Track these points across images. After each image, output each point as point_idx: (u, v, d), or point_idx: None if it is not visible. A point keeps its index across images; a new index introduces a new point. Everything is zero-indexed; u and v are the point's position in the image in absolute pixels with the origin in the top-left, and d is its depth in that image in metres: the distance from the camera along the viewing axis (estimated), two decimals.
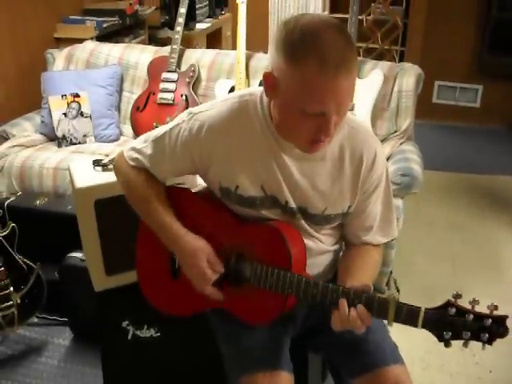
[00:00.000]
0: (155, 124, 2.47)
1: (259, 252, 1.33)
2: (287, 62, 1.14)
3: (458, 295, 1.17)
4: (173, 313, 1.51)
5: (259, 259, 1.32)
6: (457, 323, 1.15)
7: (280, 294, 1.30)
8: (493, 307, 1.15)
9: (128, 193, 1.45)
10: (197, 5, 4.89)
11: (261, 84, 1.27)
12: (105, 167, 1.70)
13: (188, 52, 3.15)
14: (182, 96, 2.99)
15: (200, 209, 1.43)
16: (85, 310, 2.19)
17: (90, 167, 1.73)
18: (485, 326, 1.14)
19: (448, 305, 1.16)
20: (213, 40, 5.02)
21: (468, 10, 4.53)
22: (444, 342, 1.17)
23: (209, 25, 4.92)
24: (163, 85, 3.03)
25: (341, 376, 1.52)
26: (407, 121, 2.79)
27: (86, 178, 1.68)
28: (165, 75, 3.04)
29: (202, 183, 1.50)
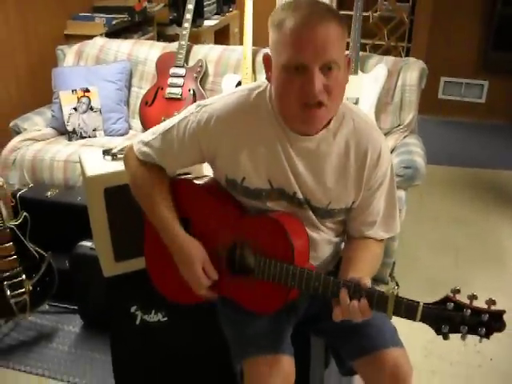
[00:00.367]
0: (163, 118, 2.51)
1: (262, 244, 1.35)
2: (272, 32, 1.24)
3: (457, 290, 1.19)
4: (180, 300, 1.54)
5: (262, 251, 1.34)
6: (455, 318, 1.18)
7: (283, 286, 1.33)
8: (490, 302, 1.17)
9: (134, 188, 1.49)
10: (205, 2, 4.93)
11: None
12: (114, 156, 1.75)
13: (195, 48, 3.21)
14: (190, 91, 3.04)
15: (205, 200, 1.46)
16: (94, 298, 2.25)
17: (100, 157, 1.78)
18: (482, 321, 1.16)
19: (446, 300, 1.19)
20: (220, 37, 5.06)
21: (473, 7, 4.55)
22: (442, 335, 1.21)
23: (216, 21, 4.95)
24: (171, 80, 3.08)
25: (342, 358, 1.57)
26: (411, 114, 2.83)
27: (97, 167, 1.73)
28: (173, 70, 3.09)
29: (208, 173, 1.55)
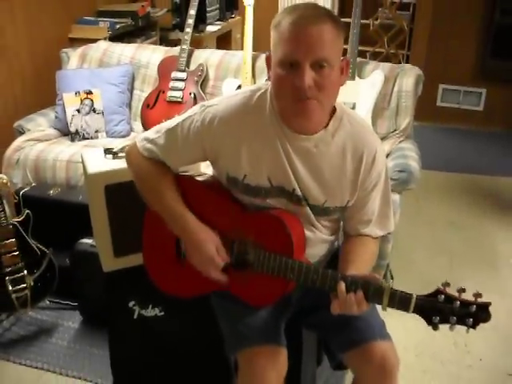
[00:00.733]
0: (164, 121, 2.58)
1: (262, 239, 1.41)
2: (272, 32, 1.31)
3: (447, 284, 1.27)
4: (177, 294, 1.59)
5: (262, 246, 1.40)
6: (445, 309, 1.26)
7: (282, 278, 1.38)
8: (477, 295, 1.25)
9: (139, 182, 1.53)
10: (207, 8, 5.01)
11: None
12: (115, 155, 1.81)
13: (197, 52, 3.27)
14: (191, 94, 3.10)
15: (206, 197, 1.51)
16: (93, 295, 2.30)
17: (102, 155, 1.84)
18: (470, 312, 1.25)
19: (437, 292, 1.27)
20: (223, 42, 5.13)
21: (472, 16, 4.60)
22: (432, 326, 1.27)
23: (219, 27, 5.02)
24: (173, 83, 3.14)
25: (332, 352, 1.62)
26: (406, 120, 2.88)
27: (98, 165, 1.79)
28: (174, 74, 3.15)
29: (206, 171, 1.61)
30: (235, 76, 3.12)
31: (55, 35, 3.73)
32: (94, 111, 3.09)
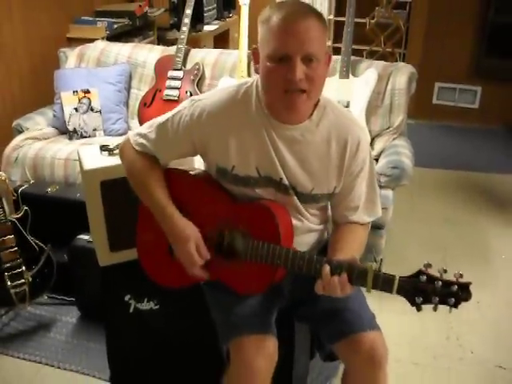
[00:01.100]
0: None
1: (251, 228, 1.45)
2: (260, 27, 1.36)
3: (429, 265, 1.31)
4: (169, 284, 1.64)
5: (250, 235, 1.44)
6: (427, 289, 1.29)
7: (270, 266, 1.43)
8: (458, 275, 1.29)
9: (130, 176, 1.59)
10: (205, 7, 5.04)
11: None
12: (111, 152, 1.84)
13: (193, 51, 3.31)
14: (187, 93, 3.14)
15: (197, 189, 1.56)
16: (91, 290, 2.33)
17: (98, 152, 1.87)
18: (451, 292, 1.28)
19: (419, 273, 1.30)
20: (220, 41, 5.16)
21: (467, 14, 4.65)
22: (416, 306, 1.30)
23: (216, 27, 5.05)
24: (169, 82, 3.18)
25: (323, 344, 1.66)
26: (400, 117, 2.92)
27: (93, 161, 1.82)
28: (171, 73, 3.19)
29: (200, 166, 1.65)
30: (231, 75, 3.15)
31: (53, 35, 3.77)
32: (92, 110, 3.13)
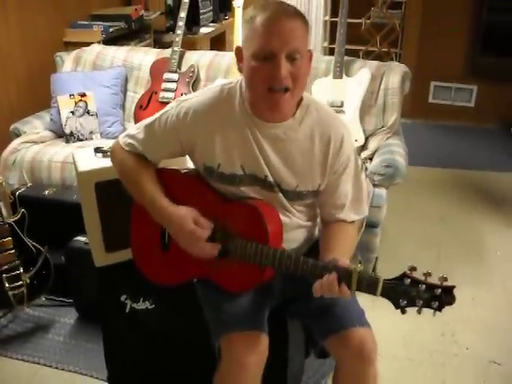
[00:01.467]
0: None
1: (240, 228, 1.48)
2: (244, 27, 1.39)
3: (413, 268, 1.31)
4: (163, 283, 1.66)
5: (240, 234, 1.47)
6: (411, 292, 1.29)
7: (258, 266, 1.45)
8: (443, 279, 1.29)
9: (121, 175, 1.61)
10: (201, 10, 5.07)
11: None
12: (105, 154, 1.87)
13: (188, 53, 3.33)
14: (182, 95, 3.16)
15: (188, 188, 1.59)
16: (88, 291, 2.35)
17: (92, 154, 1.90)
18: (435, 295, 1.28)
19: (404, 276, 1.31)
20: (217, 44, 5.19)
21: (461, 13, 4.68)
22: (400, 309, 1.31)
23: (212, 29, 5.08)
24: (165, 85, 3.20)
25: (316, 341, 1.68)
26: (393, 117, 2.94)
27: (88, 163, 1.84)
28: (166, 75, 3.22)
29: (191, 165, 1.67)
30: (226, 76, 3.18)
31: (49, 39, 3.79)
32: (88, 113, 3.15)
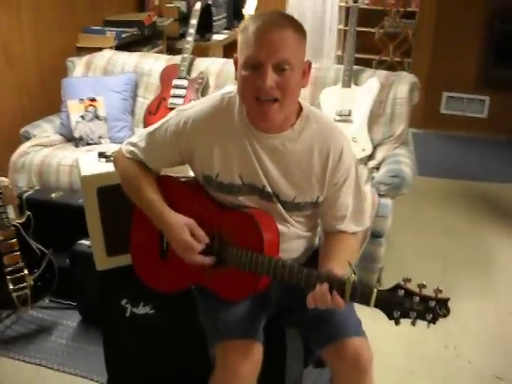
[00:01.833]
0: None
1: (236, 236, 1.48)
2: (239, 36, 1.39)
3: (408, 279, 1.29)
4: (162, 289, 1.67)
5: (236, 242, 1.47)
6: (404, 304, 1.28)
7: (253, 274, 1.45)
8: (438, 291, 1.27)
9: (123, 181, 1.63)
10: (214, 17, 5.12)
11: None
12: (108, 158, 1.89)
13: (198, 60, 3.36)
14: (191, 101, 3.18)
15: (187, 196, 1.60)
16: (92, 294, 2.36)
17: (96, 159, 1.92)
18: (429, 307, 1.26)
19: (397, 287, 1.29)
20: (229, 51, 5.20)
21: (474, 24, 4.66)
22: (394, 321, 1.30)
23: (226, 36, 5.11)
24: (174, 91, 3.23)
25: (313, 350, 1.68)
26: (401, 127, 2.93)
27: (91, 168, 1.87)
28: (175, 82, 3.24)
29: (192, 174, 1.68)
30: (235, 84, 3.18)
31: (62, 44, 3.84)
32: (98, 118, 3.18)
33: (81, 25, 3.99)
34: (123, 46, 4.00)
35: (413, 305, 1.28)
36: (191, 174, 1.80)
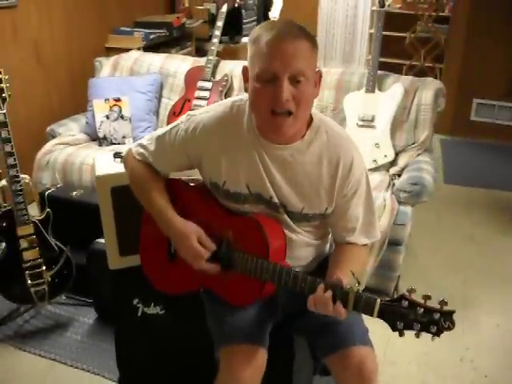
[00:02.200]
0: None
1: (243, 241, 1.48)
2: (250, 46, 1.36)
3: (412, 290, 1.27)
4: (168, 291, 1.68)
5: (242, 248, 1.47)
6: (408, 315, 1.25)
7: (259, 280, 1.44)
8: (443, 303, 1.25)
9: (132, 182, 1.64)
10: (244, 19, 5.14)
11: None
12: (123, 159, 1.90)
13: (223, 63, 3.37)
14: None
15: (194, 200, 1.60)
16: (107, 292, 2.37)
17: (111, 159, 1.95)
18: (433, 319, 1.24)
19: (402, 298, 1.27)
20: None
21: (505, 30, 4.55)
22: (398, 332, 1.27)
23: None
24: (198, 93, 3.25)
25: (319, 358, 1.66)
26: (425, 133, 2.89)
27: (106, 168, 1.89)
28: (200, 84, 3.26)
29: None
30: None
31: (93, 44, 3.91)
32: (122, 118, 3.22)
33: (112, 26, 4.06)
34: (151, 47, 4.05)
35: (417, 316, 1.25)
36: (200, 177, 1.81)
